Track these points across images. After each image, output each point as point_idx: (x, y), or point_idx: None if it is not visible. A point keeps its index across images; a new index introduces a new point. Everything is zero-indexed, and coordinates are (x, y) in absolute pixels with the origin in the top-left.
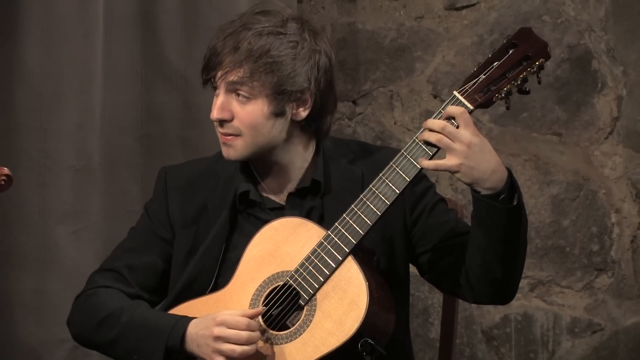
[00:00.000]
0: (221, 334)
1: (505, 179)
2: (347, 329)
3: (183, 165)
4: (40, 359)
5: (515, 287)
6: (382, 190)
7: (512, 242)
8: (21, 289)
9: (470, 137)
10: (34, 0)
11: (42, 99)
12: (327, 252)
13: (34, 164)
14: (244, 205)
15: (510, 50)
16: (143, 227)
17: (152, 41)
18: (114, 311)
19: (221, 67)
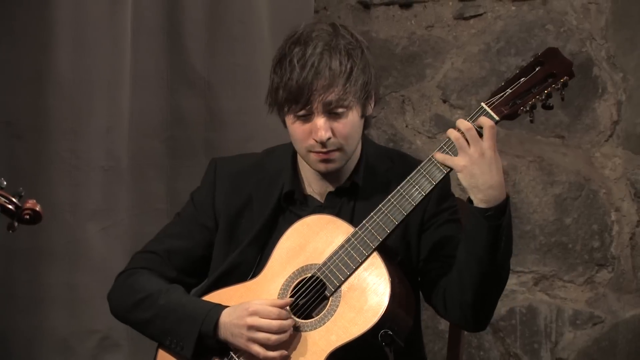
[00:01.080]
0: (254, 323)
1: (500, 200)
2: (368, 320)
3: (233, 157)
4: (71, 348)
5: (484, 317)
6: (408, 192)
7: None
8: (53, 282)
9: (486, 149)
10: (66, 9)
11: (73, 103)
12: (354, 247)
13: (66, 164)
14: (287, 202)
15: (537, 67)
16: (187, 215)
17: (177, 49)
18: (152, 293)
19: (315, 95)
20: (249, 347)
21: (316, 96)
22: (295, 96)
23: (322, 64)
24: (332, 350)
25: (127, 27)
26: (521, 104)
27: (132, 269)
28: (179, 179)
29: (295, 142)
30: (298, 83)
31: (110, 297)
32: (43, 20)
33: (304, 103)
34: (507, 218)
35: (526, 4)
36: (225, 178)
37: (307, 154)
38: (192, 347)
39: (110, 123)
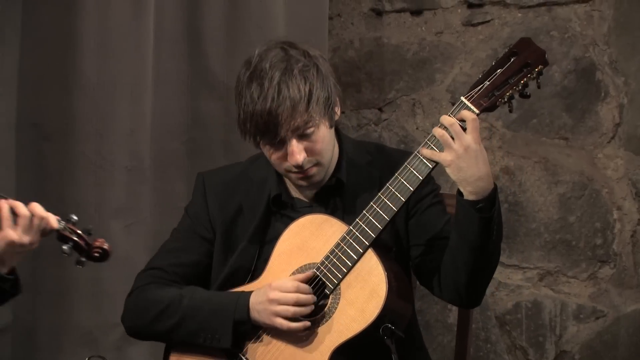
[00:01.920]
0: (274, 296)
1: (488, 191)
2: (368, 316)
3: (218, 170)
4: (95, 340)
5: (477, 296)
6: (397, 189)
7: (480, 252)
8: (79, 277)
9: (470, 141)
10: (91, 17)
11: (98, 106)
12: (349, 245)
13: (91, 164)
14: (276, 206)
15: (512, 58)
16: (185, 228)
17: (197, 54)
18: (173, 299)
19: (282, 124)
20: (273, 320)
21: (283, 125)
22: (262, 129)
23: (282, 95)
24: (336, 347)
25: (149, 33)
26: (499, 95)
27: (140, 287)
28: None
29: (274, 165)
30: (263, 117)
31: (126, 319)
32: (69, 28)
33: (273, 133)
34: (497, 209)
35: (532, 11)
36: (214, 190)
37: (287, 174)
38: (230, 336)
39: (133, 125)
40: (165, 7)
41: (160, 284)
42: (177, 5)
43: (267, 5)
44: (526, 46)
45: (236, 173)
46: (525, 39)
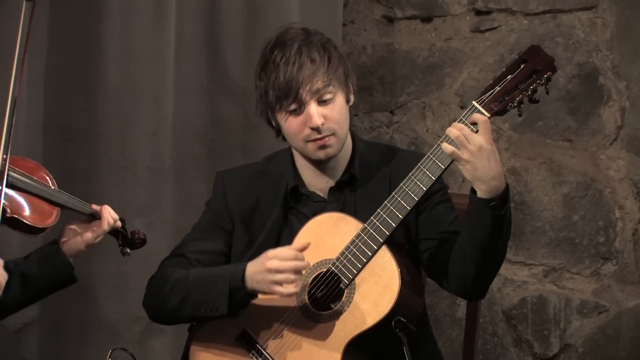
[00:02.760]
0: (272, 265)
1: (501, 189)
2: (382, 309)
3: (236, 169)
4: (119, 333)
5: (482, 288)
6: (411, 188)
7: (489, 247)
8: (103, 272)
9: (483, 142)
10: (115, 23)
11: (121, 109)
12: (364, 242)
13: (114, 165)
14: (294, 200)
15: (521, 65)
16: (206, 221)
17: (216, 59)
18: (181, 276)
19: (303, 86)
20: (272, 289)
21: (304, 87)
22: (285, 92)
23: (303, 58)
24: (350, 339)
25: (170, 39)
26: (509, 100)
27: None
28: None
29: (292, 136)
30: (285, 79)
31: (145, 302)
32: (94, 34)
33: (293, 96)
34: (508, 206)
35: (537, 18)
36: (233, 186)
37: (305, 146)
38: (225, 304)
39: (155, 127)
40: (186, 14)
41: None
42: (197, 12)
43: (283, 12)
44: (536, 53)
45: (253, 170)
46: (534, 46)
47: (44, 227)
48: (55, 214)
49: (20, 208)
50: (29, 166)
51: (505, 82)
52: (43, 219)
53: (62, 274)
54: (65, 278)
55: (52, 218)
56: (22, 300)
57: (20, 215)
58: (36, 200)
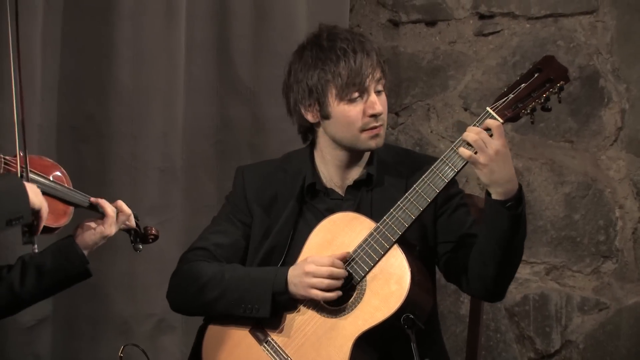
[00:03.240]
0: (310, 269)
1: (515, 191)
2: (391, 306)
3: (256, 164)
4: (131, 330)
5: (502, 289)
6: (424, 190)
7: (507, 247)
8: (115, 271)
9: (499, 146)
10: (126, 26)
11: (133, 111)
12: (376, 241)
13: (126, 165)
14: (309, 195)
15: (535, 74)
16: (225, 214)
17: (226, 62)
18: (215, 273)
19: (369, 73)
20: (308, 292)
21: (370, 75)
22: (353, 79)
23: (365, 49)
24: (360, 333)
25: (181, 42)
26: (522, 107)
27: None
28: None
29: (349, 124)
30: (355, 66)
31: (171, 294)
32: (106, 37)
33: (360, 83)
34: (523, 206)
35: (539, 22)
36: (252, 181)
37: (358, 135)
38: (269, 307)
39: (166, 128)
40: (196, 18)
41: (203, 261)
42: (207, 16)
43: (290, 17)
44: (550, 63)
45: (272, 166)
46: (548, 56)
47: (58, 226)
48: (69, 213)
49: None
50: (45, 165)
51: (519, 89)
52: (57, 218)
53: (76, 266)
54: (79, 271)
55: (66, 217)
56: (37, 294)
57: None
58: (50, 200)
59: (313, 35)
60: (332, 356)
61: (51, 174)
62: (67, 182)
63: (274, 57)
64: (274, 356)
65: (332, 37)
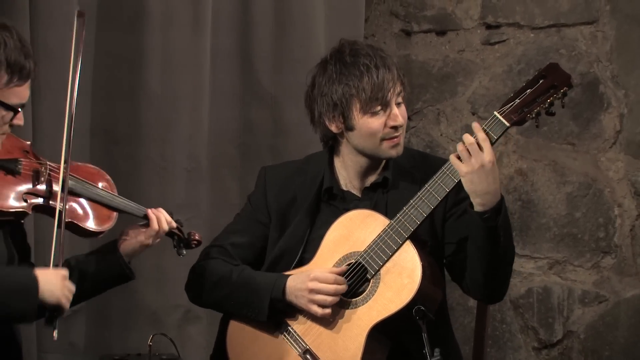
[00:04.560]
0: (314, 287)
1: (494, 203)
2: (404, 298)
3: (279, 165)
4: (159, 320)
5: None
6: (434, 189)
7: (490, 256)
8: (145, 264)
9: (484, 161)
10: (156, 35)
11: (161, 115)
12: (390, 237)
13: (155, 166)
14: (326, 197)
15: (540, 80)
16: (246, 213)
17: (248, 69)
18: (225, 274)
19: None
20: (309, 307)
21: (391, 90)
22: (376, 94)
23: (386, 64)
24: (374, 324)
25: (206, 51)
26: (528, 112)
27: (202, 261)
28: (249, 178)
29: (371, 135)
30: (378, 81)
31: (188, 287)
32: (137, 45)
33: (381, 98)
34: (502, 217)
35: (543, 31)
36: (273, 181)
37: (379, 144)
38: (265, 312)
39: (192, 131)
40: (221, 29)
41: (219, 259)
42: (231, 27)
43: (309, 27)
44: (554, 70)
45: (294, 168)
46: (553, 64)
47: (101, 230)
48: (112, 217)
49: (78, 214)
50: (90, 172)
51: (525, 95)
52: (100, 223)
53: (116, 270)
54: (119, 274)
55: (110, 222)
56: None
57: (78, 221)
58: (94, 206)
59: (336, 50)
60: (348, 345)
61: (98, 181)
62: (112, 189)
63: (294, 65)
64: (294, 345)
65: (354, 53)
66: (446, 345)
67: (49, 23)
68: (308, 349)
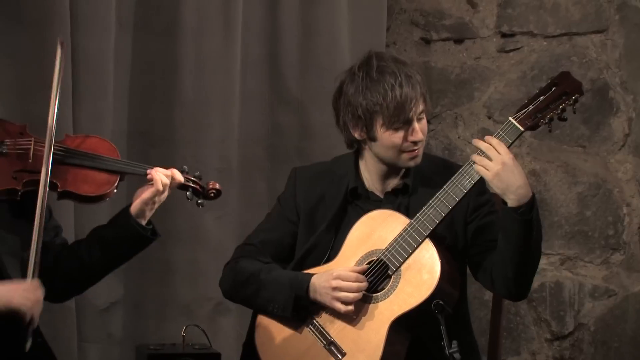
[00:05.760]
0: (337, 285)
1: (528, 197)
2: (423, 293)
3: (308, 166)
4: (192, 312)
5: (524, 289)
6: (452, 190)
7: (523, 250)
8: (179, 259)
9: (505, 158)
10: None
11: (194, 118)
12: (410, 235)
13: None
14: (353, 197)
15: (553, 87)
16: (276, 212)
17: (276, 75)
18: (254, 272)
19: (412, 107)
20: (333, 304)
21: (413, 107)
22: (399, 111)
23: (411, 83)
24: (395, 318)
25: (237, 58)
26: (541, 117)
27: (235, 259)
28: (277, 179)
29: (391, 147)
30: (401, 100)
31: (222, 283)
32: (171, 53)
33: (404, 115)
34: (535, 211)
35: (555, 40)
36: (303, 182)
37: (399, 155)
38: (290, 308)
39: (223, 134)
40: (250, 37)
41: (250, 257)
42: (260, 35)
43: (334, 35)
44: (565, 78)
45: (322, 168)
46: (565, 72)
47: (100, 194)
48: (112, 181)
49: (69, 181)
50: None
51: (538, 102)
52: (98, 187)
53: (130, 231)
54: (134, 235)
55: (109, 186)
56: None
57: (71, 188)
58: (89, 172)
59: (364, 63)
60: (371, 338)
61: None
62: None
63: (319, 70)
64: (319, 337)
65: (381, 69)
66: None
67: (89, 32)
68: (333, 341)
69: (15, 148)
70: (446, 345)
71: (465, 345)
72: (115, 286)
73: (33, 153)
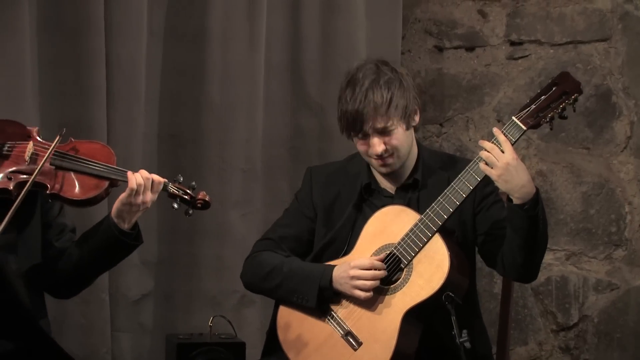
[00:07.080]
0: (355, 274)
1: (532, 194)
2: (434, 285)
3: (323, 165)
4: (218, 304)
5: (533, 272)
6: (460, 187)
7: (530, 240)
8: (206, 254)
9: (509, 159)
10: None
11: (221, 121)
12: (420, 230)
13: (215, 167)
14: (366, 193)
15: (553, 87)
16: (293, 208)
17: (298, 80)
18: (276, 265)
19: (367, 122)
20: (352, 292)
21: (366, 123)
22: (352, 124)
23: (367, 99)
24: (408, 309)
25: (261, 64)
26: (543, 116)
27: (255, 253)
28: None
29: (361, 154)
30: (352, 115)
31: (243, 276)
32: (199, 60)
33: (358, 129)
34: (540, 207)
35: (561, 48)
36: (318, 180)
37: (369, 160)
38: (315, 299)
39: (248, 136)
40: (274, 44)
41: (270, 251)
42: (283, 42)
43: (352, 44)
44: (565, 78)
45: (337, 167)
46: (564, 73)
47: (88, 198)
48: (101, 186)
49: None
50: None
51: (540, 101)
52: (86, 191)
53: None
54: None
55: (96, 190)
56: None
57: (60, 191)
58: (78, 176)
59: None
60: (385, 328)
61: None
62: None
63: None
64: (336, 327)
65: (353, 82)
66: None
67: (122, 40)
68: (350, 331)
69: (15, 150)
70: (457, 335)
71: (474, 329)
72: (146, 279)
73: (30, 156)
